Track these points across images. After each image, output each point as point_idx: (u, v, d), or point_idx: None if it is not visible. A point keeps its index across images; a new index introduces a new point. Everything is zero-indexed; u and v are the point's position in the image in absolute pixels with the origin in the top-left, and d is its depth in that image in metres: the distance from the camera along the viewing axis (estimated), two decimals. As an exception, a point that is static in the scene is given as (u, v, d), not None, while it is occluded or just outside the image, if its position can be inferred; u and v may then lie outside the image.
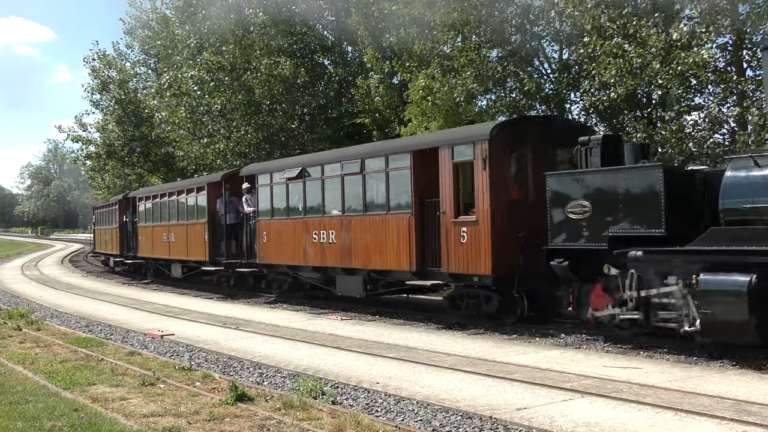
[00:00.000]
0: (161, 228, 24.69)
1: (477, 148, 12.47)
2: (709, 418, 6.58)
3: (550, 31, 19.70)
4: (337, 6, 27.98)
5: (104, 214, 34.85)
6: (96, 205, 39.46)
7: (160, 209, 24.98)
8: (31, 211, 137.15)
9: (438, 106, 19.52)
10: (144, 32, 44.37)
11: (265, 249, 18.17)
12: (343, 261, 15.44)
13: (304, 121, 27.66)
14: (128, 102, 39.07)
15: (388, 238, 14.17)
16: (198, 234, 21.45)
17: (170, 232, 23.75)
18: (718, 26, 14.17)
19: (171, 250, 23.75)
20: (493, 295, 12.75)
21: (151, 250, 25.98)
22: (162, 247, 24.56)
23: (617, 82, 14.99)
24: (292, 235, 17.06)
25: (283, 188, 17.56)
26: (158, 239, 24.90)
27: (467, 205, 12.86)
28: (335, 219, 15.68)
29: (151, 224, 25.81)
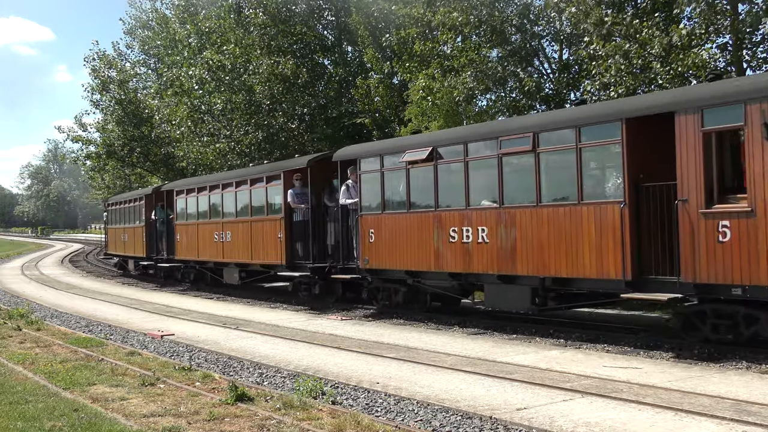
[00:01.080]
0: (211, 226, 21.11)
1: (750, 110, 9.07)
2: (709, 418, 6.58)
3: (550, 31, 19.71)
4: (337, 6, 28.01)
5: (123, 211, 30.60)
6: (110, 201, 34.58)
7: (209, 204, 21.31)
8: (31, 211, 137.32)
9: (438, 106, 19.52)
10: (144, 32, 44.40)
11: (372, 250, 14.78)
12: (499, 266, 12.16)
13: (305, 121, 27.65)
14: (128, 102, 39.10)
15: (580, 236, 10.85)
16: (269, 232, 18.00)
17: (225, 231, 20.26)
18: (717, 26, 14.17)
19: (225, 252, 20.35)
20: None
21: (194, 251, 22.33)
22: (211, 248, 21.10)
23: (617, 83, 14.99)
24: (416, 233, 13.75)
25: (400, 174, 14.22)
26: (206, 239, 21.45)
27: (727, 189, 9.67)
28: (488, 212, 12.38)
29: (196, 221, 22.20)
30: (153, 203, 26.09)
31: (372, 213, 14.88)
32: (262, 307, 17.77)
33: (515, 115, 19.12)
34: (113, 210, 32.86)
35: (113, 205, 33.05)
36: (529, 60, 19.71)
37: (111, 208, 33.57)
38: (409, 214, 14.00)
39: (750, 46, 14.78)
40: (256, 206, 18.91)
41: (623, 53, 14.64)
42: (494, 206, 12.26)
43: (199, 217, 22.11)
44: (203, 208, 21.92)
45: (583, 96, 17.20)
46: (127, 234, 29.33)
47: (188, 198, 22.89)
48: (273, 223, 17.87)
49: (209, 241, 21.20)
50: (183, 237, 23.11)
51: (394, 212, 14.40)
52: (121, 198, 32.04)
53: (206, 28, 29.68)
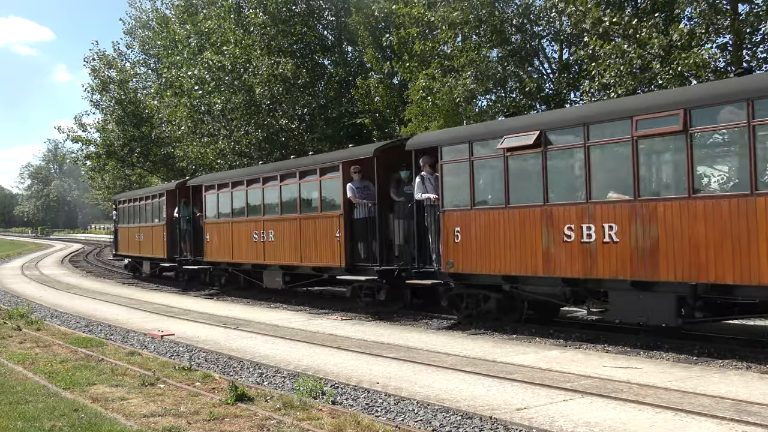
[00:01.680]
0: (248, 224, 18.99)
1: None
2: (709, 418, 6.57)
3: (550, 31, 19.73)
4: (337, 6, 28.04)
5: (137, 208, 28.00)
6: (121, 199, 31.41)
7: (247, 200, 19.21)
8: (31, 211, 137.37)
9: (438, 106, 19.55)
10: (144, 32, 44.45)
11: (458, 252, 12.66)
12: (633, 270, 10.12)
13: (305, 121, 27.68)
14: (128, 102, 39.15)
15: (753, 234, 8.83)
16: (324, 231, 15.99)
17: (266, 230, 18.18)
18: (718, 26, 14.18)
19: (266, 253, 18.22)
20: None
21: (227, 252, 20.17)
22: (249, 249, 19.01)
23: (617, 83, 15.00)
24: (517, 232, 11.66)
25: (495, 164, 12.13)
26: (242, 239, 19.36)
27: None
28: (618, 206, 10.29)
29: (229, 219, 20.01)
30: (176, 200, 23.63)
31: (458, 209, 12.71)
32: (262, 307, 17.77)
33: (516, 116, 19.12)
34: (125, 208, 30.06)
35: (125, 202, 30.20)
36: (529, 60, 19.73)
37: (122, 206, 30.64)
38: (507, 209, 11.81)
39: (750, 46, 14.80)
40: (306, 202, 16.92)
41: (621, 53, 14.64)
42: (626, 199, 10.16)
43: (233, 215, 19.87)
44: (239, 204, 19.71)
45: (582, 96, 17.22)
46: (143, 233, 26.72)
47: (220, 194, 20.58)
48: (329, 221, 15.74)
49: (246, 241, 19.04)
50: (214, 237, 20.84)
51: (488, 208, 12.22)
52: (136, 194, 29.33)
53: (206, 29, 29.72)
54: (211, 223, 21.05)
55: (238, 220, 19.58)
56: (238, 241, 19.52)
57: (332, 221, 15.66)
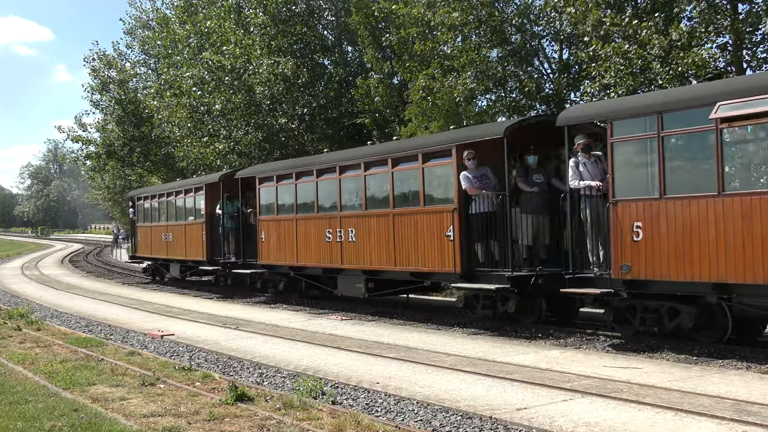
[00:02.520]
0: (320, 221, 16.27)
1: None
2: (709, 418, 6.57)
3: (550, 31, 19.72)
4: (337, 6, 28.04)
5: (164, 205, 25.02)
6: (139, 195, 28.26)
7: (317, 193, 16.52)
8: (31, 211, 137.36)
9: (438, 106, 19.54)
10: (144, 32, 44.45)
11: (639, 253, 10.14)
12: None
13: (305, 121, 27.68)
14: (128, 102, 39.16)
15: None
16: (428, 229, 13.33)
17: (345, 228, 15.46)
18: (717, 26, 14.18)
19: (343, 255, 15.47)
20: None
21: (289, 254, 17.38)
22: (321, 251, 16.23)
23: (618, 83, 15.00)
24: (738, 228, 9.08)
25: (699, 139, 9.67)
26: (310, 239, 16.68)
27: None
28: None
29: (292, 216, 17.25)
30: (219, 194, 20.57)
31: (639, 200, 10.17)
32: (262, 307, 17.77)
33: (516, 115, 19.11)
34: (145, 205, 26.95)
35: (145, 199, 26.97)
36: (529, 60, 19.73)
37: (142, 202, 27.37)
38: (721, 198, 9.16)
39: (750, 46, 14.80)
40: (403, 195, 14.28)
41: (622, 54, 14.64)
42: None
43: (298, 211, 17.14)
44: (306, 198, 16.98)
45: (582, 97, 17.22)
46: (173, 233, 23.74)
47: (280, 186, 17.77)
48: (436, 217, 13.14)
49: (316, 241, 16.38)
50: (271, 236, 17.99)
51: (689, 197, 9.56)
52: (161, 190, 26.26)
53: (206, 29, 29.72)
54: (267, 220, 18.21)
55: (305, 216, 16.82)
56: (305, 240, 16.77)
57: (441, 217, 13.02)
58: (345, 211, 15.64)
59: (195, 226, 22.12)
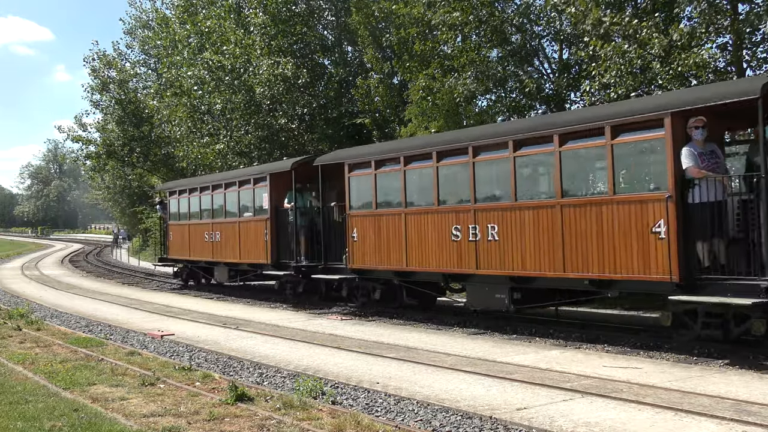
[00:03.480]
0: (444, 217, 13.27)
1: None
2: (709, 418, 6.57)
3: (550, 31, 19.72)
4: (337, 6, 28.04)
5: (209, 199, 21.69)
6: (172, 189, 24.88)
7: (437, 181, 13.40)
8: (31, 211, 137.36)
9: (438, 106, 19.54)
10: (144, 32, 44.46)
11: None
12: None
13: (305, 121, 27.68)
14: (128, 102, 39.17)
15: None
16: (627, 223, 10.29)
17: (481, 224, 12.46)
18: (718, 26, 14.17)
19: (479, 258, 12.51)
20: None
21: (394, 256, 14.38)
22: (444, 251, 13.23)
23: (618, 83, 15.00)
24: None
25: None
26: (428, 237, 13.59)
27: None
28: None
29: (400, 210, 14.22)
30: (288, 185, 17.55)
31: None
32: (262, 307, 17.77)
33: (516, 116, 19.11)
34: (181, 200, 23.76)
35: (182, 193, 23.70)
36: (529, 60, 19.73)
37: (176, 198, 24.15)
38: None
39: (750, 46, 14.79)
40: (574, 180, 11.38)
41: (622, 54, 14.64)
42: None
43: (408, 203, 14.12)
44: (420, 188, 14.13)
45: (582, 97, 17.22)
46: (222, 231, 20.70)
47: (381, 174, 14.84)
48: (634, 208, 10.20)
49: (436, 239, 13.44)
50: (367, 235, 15.05)
51: None
52: (205, 181, 22.72)
53: (206, 29, 29.72)
54: (361, 215, 15.18)
55: (420, 210, 13.84)
56: (418, 240, 13.84)
57: (643, 209, 10.07)
58: (482, 203, 12.58)
59: (255, 223, 18.85)
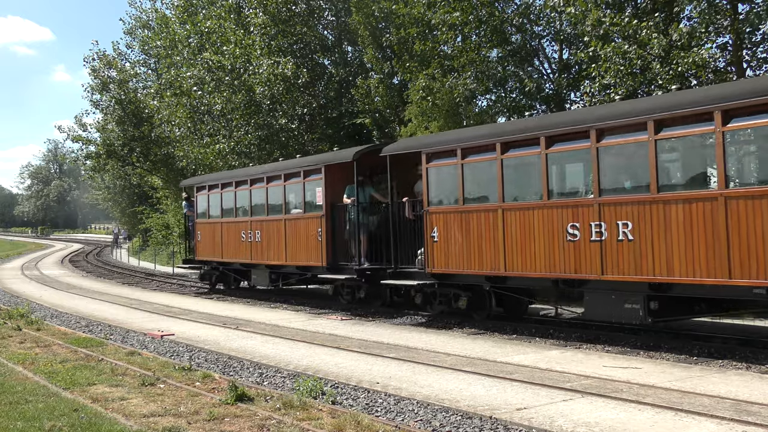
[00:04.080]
0: (560, 212, 11.18)
1: None
2: (709, 418, 6.57)
3: (550, 31, 19.73)
4: (337, 6, 28.06)
5: (247, 195, 19.59)
6: (201, 183, 22.51)
7: (546, 171, 11.44)
8: (31, 211, 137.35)
9: (438, 106, 19.55)
10: (144, 32, 44.48)
11: None
12: None
13: (304, 121, 27.69)
14: (128, 102, 39.18)
15: None
16: None
17: (610, 220, 10.48)
18: (718, 26, 14.18)
19: (606, 261, 10.52)
20: None
21: (488, 257, 12.35)
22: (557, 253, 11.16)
23: (618, 83, 15.00)
24: None
25: None
26: (537, 236, 11.52)
27: None
28: None
29: (497, 205, 12.19)
30: (349, 178, 15.70)
31: None
32: (262, 307, 17.76)
33: (516, 116, 19.11)
34: (211, 196, 21.60)
35: (212, 188, 21.61)
36: (529, 60, 19.73)
37: (206, 193, 21.93)
38: None
39: (750, 46, 14.80)
40: (746, 166, 9.86)
41: (622, 54, 14.65)
42: None
43: (504, 198, 12.09)
44: (520, 179, 12.26)
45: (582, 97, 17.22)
46: (263, 230, 18.59)
47: (468, 164, 12.78)
48: None
49: (541, 238, 11.43)
50: (452, 233, 13.09)
51: None
52: (242, 175, 20.43)
53: (206, 29, 29.74)
54: (443, 212, 13.29)
55: (524, 205, 11.81)
56: (518, 240, 11.81)
57: None
58: (610, 195, 10.55)
59: (306, 221, 16.79)
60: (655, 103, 10.26)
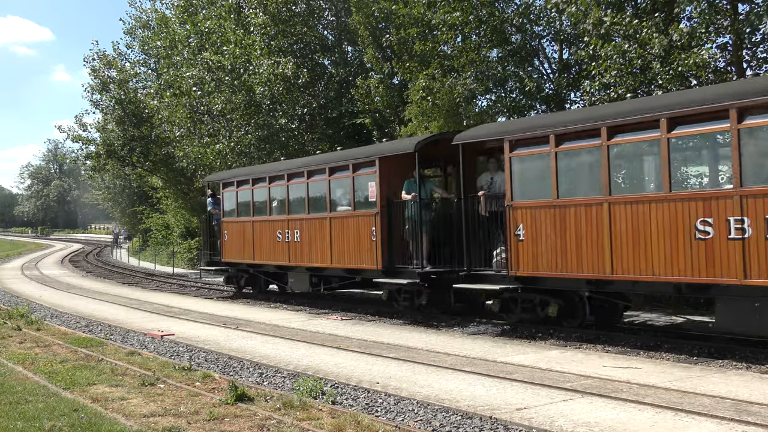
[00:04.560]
0: (689, 204, 9.64)
1: None
2: (709, 418, 6.57)
3: (550, 31, 19.72)
4: (337, 6, 28.05)
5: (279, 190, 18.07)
6: (227, 179, 20.58)
7: (700, 155, 10.78)
8: (31, 211, 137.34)
9: (438, 106, 19.54)
10: (144, 32, 44.45)
11: None
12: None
13: (305, 121, 27.69)
14: (128, 102, 39.16)
15: None
16: None
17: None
18: (718, 26, 14.18)
19: None
20: None
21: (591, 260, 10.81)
22: (700, 253, 9.52)
23: (618, 83, 15.00)
24: None
25: None
26: (668, 231, 9.85)
27: None
28: None
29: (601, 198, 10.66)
30: (404, 171, 14.35)
31: None
32: (262, 307, 17.76)
33: (516, 116, 19.11)
34: (241, 192, 19.78)
35: (242, 183, 19.69)
36: (529, 60, 19.73)
37: (235, 189, 19.97)
38: None
39: (750, 46, 14.79)
40: None
41: (622, 53, 14.65)
42: None
43: (611, 190, 10.58)
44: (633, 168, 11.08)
45: (582, 96, 17.22)
46: (303, 229, 16.90)
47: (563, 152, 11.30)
48: None
49: (661, 236, 9.95)
50: (541, 230, 11.56)
51: None
52: (279, 169, 18.49)
53: (206, 29, 29.73)
54: (531, 206, 11.74)
55: (638, 198, 10.29)
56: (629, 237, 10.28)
57: None
58: (758, 186, 8.97)
59: (356, 219, 15.20)
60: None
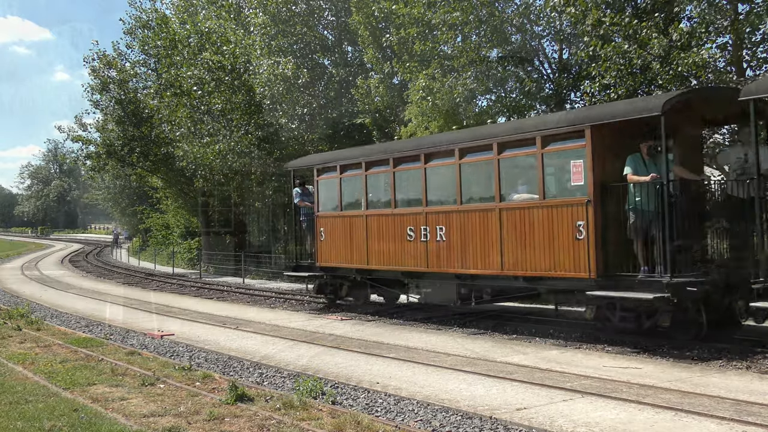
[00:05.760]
0: None
1: None
2: (709, 418, 6.57)
3: (550, 31, 19.71)
4: (337, 6, 28.03)
5: (408, 176, 14.29)
6: (326, 163, 16.49)
7: None
8: (31, 211, 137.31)
9: (438, 106, 19.53)
10: (144, 32, 44.43)
11: None
12: None
13: (305, 121, 27.68)
14: (128, 102, 39.13)
15: None
16: None
17: None
18: (718, 26, 14.17)
19: None
20: None
21: None
22: None
23: (618, 83, 15.00)
24: None
25: None
26: None
27: None
28: None
29: None
30: (621, 145, 10.66)
31: None
32: (262, 307, 17.76)
33: (516, 116, 19.10)
34: (346, 180, 15.90)
35: (347, 169, 15.82)
36: (529, 60, 19.72)
37: (338, 176, 15.94)
38: None
39: (750, 46, 14.79)
40: None
41: (622, 54, 14.64)
42: None
43: None
44: None
45: (582, 97, 17.22)
46: (451, 225, 13.04)
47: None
48: None
49: None
50: None
51: None
52: (409, 148, 14.65)
53: (206, 29, 29.71)
54: None
55: None
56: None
57: None
58: None
59: (547, 211, 11.32)
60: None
